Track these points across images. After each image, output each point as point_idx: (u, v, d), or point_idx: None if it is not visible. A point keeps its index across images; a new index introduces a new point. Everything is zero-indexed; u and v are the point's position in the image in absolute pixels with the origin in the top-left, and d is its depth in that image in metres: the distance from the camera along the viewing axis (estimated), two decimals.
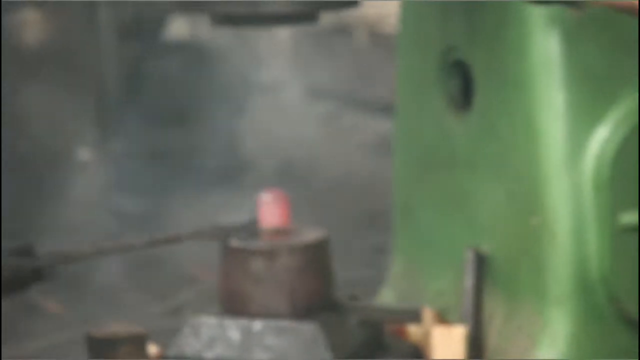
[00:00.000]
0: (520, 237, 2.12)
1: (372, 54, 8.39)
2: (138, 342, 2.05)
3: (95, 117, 5.16)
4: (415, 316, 2.15)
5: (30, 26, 4.97)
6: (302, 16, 2.10)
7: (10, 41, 4.95)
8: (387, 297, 2.42)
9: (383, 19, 8.80)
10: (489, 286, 2.19)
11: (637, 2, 1.91)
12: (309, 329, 2.06)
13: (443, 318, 2.28)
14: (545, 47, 2.04)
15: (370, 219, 5.67)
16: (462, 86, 2.26)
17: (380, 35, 8.67)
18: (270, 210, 2.13)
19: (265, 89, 9.28)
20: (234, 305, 2.11)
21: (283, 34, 9.98)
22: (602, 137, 2.05)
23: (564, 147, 2.05)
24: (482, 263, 2.18)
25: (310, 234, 2.16)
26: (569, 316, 2.07)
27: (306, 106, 8.77)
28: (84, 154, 5.12)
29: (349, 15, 8.37)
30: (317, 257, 2.13)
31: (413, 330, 2.27)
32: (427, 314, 2.24)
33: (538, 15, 2.04)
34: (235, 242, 2.12)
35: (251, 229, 2.14)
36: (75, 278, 4.55)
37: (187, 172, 6.26)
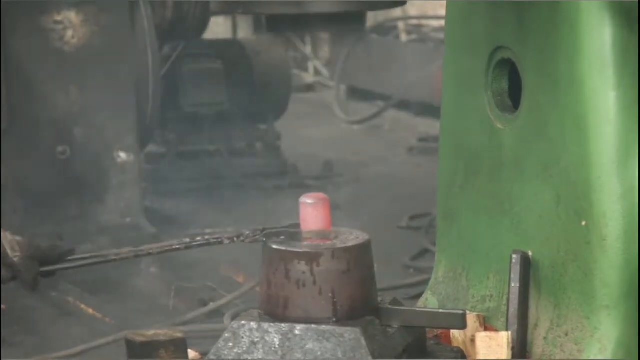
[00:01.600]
0: (568, 241, 2.08)
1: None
2: (178, 346, 2.04)
3: (135, 120, 5.16)
4: (459, 321, 2.11)
5: (72, 29, 4.98)
6: (349, 17, 2.07)
7: (51, 43, 4.96)
8: (429, 301, 2.39)
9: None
10: (534, 291, 2.15)
11: None
12: (350, 333, 2.03)
13: (487, 323, 2.25)
14: (598, 47, 2.00)
15: (411, 220, 5.63)
16: (510, 86, 2.23)
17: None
18: (312, 213, 2.10)
19: (307, 89, 9.25)
20: (274, 309, 2.08)
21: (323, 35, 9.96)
22: None
23: (616, 149, 2.01)
24: (527, 267, 2.15)
25: (352, 238, 2.13)
26: (618, 322, 2.03)
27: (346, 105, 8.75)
28: (123, 156, 5.11)
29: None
30: (359, 260, 2.10)
31: (456, 335, 2.24)
32: (471, 318, 2.21)
33: (590, 14, 2.00)
34: (277, 245, 2.09)
35: (293, 232, 2.11)
36: (112, 282, 4.56)
37: (227, 173, 6.25)
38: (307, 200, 2.10)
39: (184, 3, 5.94)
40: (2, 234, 1.99)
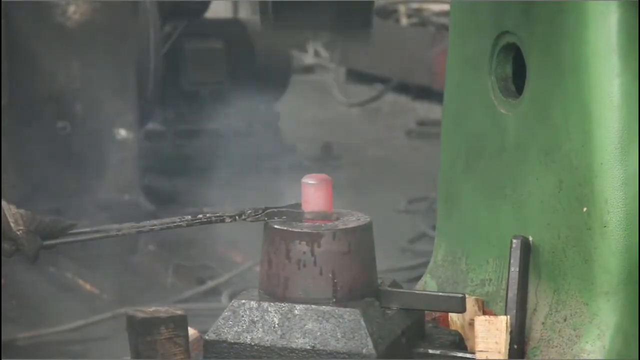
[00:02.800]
0: (569, 227, 2.08)
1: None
2: (178, 323, 2.04)
3: (135, 97, 5.15)
4: (458, 304, 2.12)
5: (75, 4, 4.97)
6: (356, 19, 2.07)
7: (54, 19, 4.95)
8: (428, 284, 2.39)
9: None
10: (533, 276, 2.16)
11: None
12: (350, 314, 2.04)
13: (486, 307, 2.25)
14: (603, 33, 2.00)
15: (409, 204, 5.64)
16: (514, 72, 2.22)
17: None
18: (314, 194, 2.10)
19: (306, 70, 9.24)
20: (274, 289, 2.09)
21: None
22: None
23: (619, 136, 2.01)
24: (527, 252, 2.15)
25: (354, 219, 2.13)
26: (617, 308, 2.03)
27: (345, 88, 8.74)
28: (123, 133, 5.11)
29: None
30: (360, 242, 2.10)
31: (455, 319, 2.24)
32: (470, 302, 2.21)
33: (596, 2, 1.99)
34: (278, 225, 2.09)
35: (295, 212, 2.11)
36: (111, 258, 4.56)
37: (225, 153, 6.25)
38: (310, 181, 2.10)
39: None
40: (6, 206, 1.99)
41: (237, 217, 2.10)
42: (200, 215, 2.09)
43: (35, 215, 2.01)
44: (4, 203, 2.00)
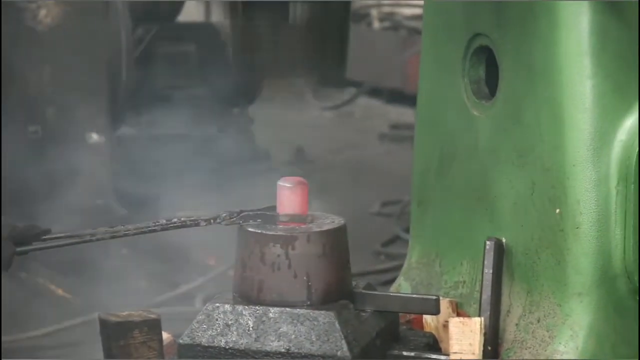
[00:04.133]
0: (542, 228, 2.09)
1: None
2: (152, 327, 2.03)
3: (107, 101, 5.14)
4: (432, 306, 2.12)
5: (46, 8, 4.95)
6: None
7: (25, 23, 4.93)
8: (402, 286, 2.40)
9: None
10: (507, 277, 2.17)
11: None
12: (324, 317, 2.04)
13: (460, 309, 2.26)
14: (575, 36, 2.01)
15: (382, 207, 5.65)
16: (487, 74, 2.23)
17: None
18: (289, 196, 2.10)
19: (279, 75, 9.24)
20: (249, 292, 2.08)
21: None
22: (630, 127, 2.02)
23: (591, 137, 2.02)
24: (501, 254, 2.16)
25: (328, 222, 2.13)
26: (590, 309, 2.04)
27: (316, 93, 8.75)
28: (95, 137, 5.09)
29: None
30: (334, 245, 2.10)
31: (429, 321, 2.25)
32: (444, 304, 2.22)
33: (567, 3, 2.01)
34: (252, 228, 2.09)
35: (269, 215, 2.11)
36: (83, 263, 4.54)
37: (198, 157, 6.23)
38: (285, 184, 2.10)
39: None
40: None
41: (212, 221, 2.10)
42: (175, 219, 2.09)
43: (8, 221, 1.99)
44: None
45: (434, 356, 2.13)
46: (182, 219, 2.10)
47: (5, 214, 4.60)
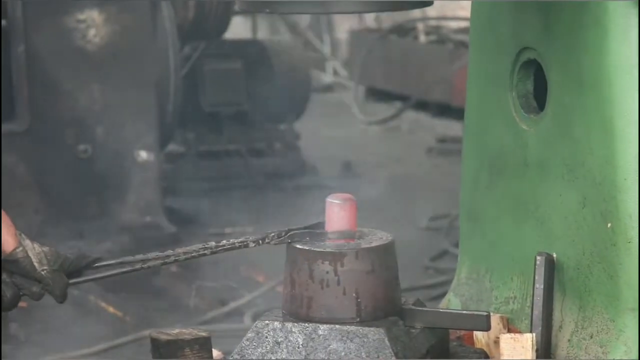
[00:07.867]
0: (593, 243, 2.07)
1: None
2: (203, 345, 2.04)
3: (156, 119, 5.17)
4: (482, 322, 2.10)
5: (95, 28, 4.99)
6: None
7: (74, 42, 4.98)
8: (452, 302, 2.38)
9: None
10: (558, 293, 2.14)
11: None
12: (374, 334, 2.03)
13: (511, 325, 2.24)
14: (624, 48, 1.99)
15: (431, 221, 5.62)
16: (535, 88, 2.22)
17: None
18: (338, 213, 2.09)
19: (325, 89, 9.24)
20: (298, 309, 2.08)
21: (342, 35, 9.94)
22: None
23: None
24: (552, 269, 2.14)
25: (377, 238, 2.12)
26: None
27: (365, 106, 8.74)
28: (144, 155, 5.13)
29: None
30: (383, 261, 2.10)
31: (479, 337, 2.23)
32: (495, 320, 2.20)
33: (617, 14, 1.99)
34: (301, 245, 2.09)
35: (318, 232, 2.11)
36: (133, 280, 4.56)
37: (246, 173, 6.25)
38: (334, 200, 2.10)
39: (205, 3, 5.96)
40: (29, 246, 1.98)
41: (260, 242, 2.09)
42: (224, 241, 2.08)
43: (59, 252, 2.00)
44: (28, 243, 1.99)
45: None
46: (231, 240, 2.09)
47: (56, 231, 4.62)
